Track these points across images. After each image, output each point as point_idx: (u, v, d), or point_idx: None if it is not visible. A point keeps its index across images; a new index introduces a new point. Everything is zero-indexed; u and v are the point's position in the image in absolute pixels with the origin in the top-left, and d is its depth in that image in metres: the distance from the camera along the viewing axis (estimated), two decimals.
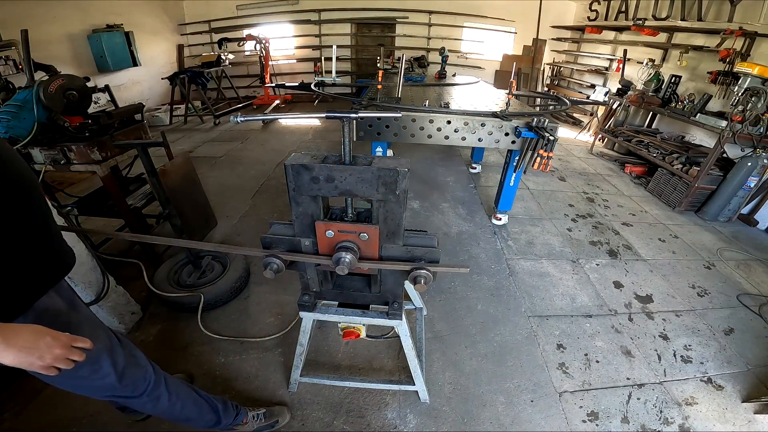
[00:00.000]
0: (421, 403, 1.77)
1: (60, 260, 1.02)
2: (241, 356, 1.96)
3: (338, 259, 1.15)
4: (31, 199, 0.92)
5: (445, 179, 4.30)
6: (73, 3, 5.26)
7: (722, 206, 3.65)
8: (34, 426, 1.60)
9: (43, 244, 0.95)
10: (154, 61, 7.08)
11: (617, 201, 4.05)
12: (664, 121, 5.26)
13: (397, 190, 1.09)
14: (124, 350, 1.13)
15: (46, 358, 0.76)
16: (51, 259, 0.98)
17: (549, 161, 2.47)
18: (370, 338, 2.02)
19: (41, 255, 0.94)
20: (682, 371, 2.02)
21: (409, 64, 5.34)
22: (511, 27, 7.87)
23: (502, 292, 2.52)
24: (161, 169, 2.06)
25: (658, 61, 5.27)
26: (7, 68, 4.13)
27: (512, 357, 2.04)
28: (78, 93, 2.04)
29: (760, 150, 3.35)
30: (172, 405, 1.26)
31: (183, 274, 2.35)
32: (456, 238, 3.13)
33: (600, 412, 1.78)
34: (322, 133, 6.05)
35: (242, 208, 3.48)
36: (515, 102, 3.26)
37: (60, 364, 0.79)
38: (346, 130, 1.08)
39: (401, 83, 2.89)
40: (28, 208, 0.91)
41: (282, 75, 8.33)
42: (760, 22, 3.95)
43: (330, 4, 7.63)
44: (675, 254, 3.10)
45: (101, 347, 1.06)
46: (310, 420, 1.67)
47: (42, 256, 0.94)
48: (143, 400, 1.19)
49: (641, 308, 2.46)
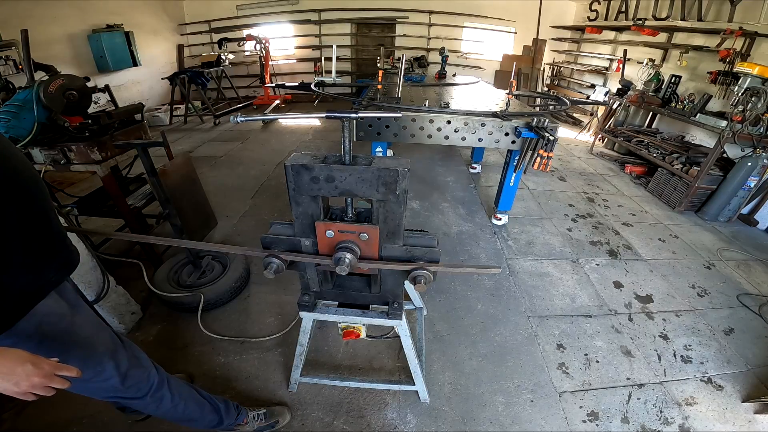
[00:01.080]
0: (421, 403, 1.77)
1: (63, 260, 0.99)
2: (241, 356, 1.96)
3: (338, 259, 1.15)
4: (31, 196, 0.90)
5: (445, 179, 4.30)
6: (73, 3, 5.26)
7: (722, 206, 3.65)
8: (34, 426, 1.60)
9: (44, 244, 0.93)
10: (154, 61, 7.08)
11: (617, 201, 4.05)
12: (664, 121, 5.26)
13: (397, 190, 1.09)
14: (127, 352, 1.13)
15: (22, 385, 0.72)
16: (52, 259, 0.95)
17: (549, 161, 2.47)
18: (370, 338, 2.02)
19: (41, 255, 0.91)
20: (682, 371, 2.02)
21: (409, 64, 5.34)
22: (511, 27, 7.87)
23: (502, 292, 2.52)
24: (161, 169, 2.06)
25: (658, 61, 5.27)
26: (7, 68, 4.13)
27: (512, 357, 2.04)
28: (78, 93, 2.04)
29: (760, 150, 3.35)
30: (175, 406, 1.26)
31: (183, 274, 2.35)
32: (456, 238, 3.13)
33: (600, 412, 1.78)
34: (322, 133, 6.05)
35: (242, 208, 3.48)
36: (515, 102, 3.26)
37: (38, 391, 0.74)
38: (346, 130, 1.08)
39: (401, 83, 2.89)
40: (29, 205, 0.88)
41: (282, 75, 8.33)
42: (760, 22, 3.95)
43: (330, 4, 7.63)
44: (675, 254, 3.10)
45: (104, 350, 1.06)
46: (310, 420, 1.67)
47: (42, 256, 0.92)
48: (146, 401, 1.18)
49: (641, 308, 2.46)
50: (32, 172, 0.93)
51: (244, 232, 3.10)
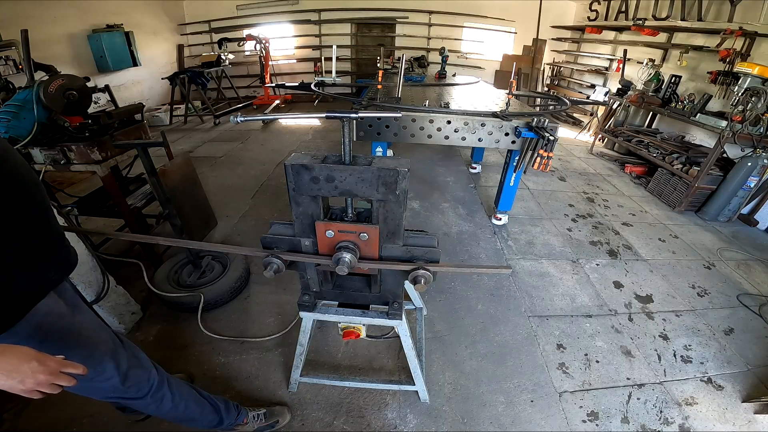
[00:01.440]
0: (421, 403, 1.77)
1: (61, 261, 0.99)
2: (241, 356, 1.96)
3: (338, 259, 1.15)
4: (31, 196, 0.90)
5: (445, 179, 4.30)
6: (73, 3, 5.26)
7: (722, 206, 3.65)
8: (34, 426, 1.60)
9: (43, 244, 0.93)
10: (154, 61, 7.07)
11: (617, 201, 4.05)
12: (664, 121, 5.26)
13: (397, 190, 1.09)
14: (127, 352, 1.13)
15: (28, 382, 0.71)
16: (51, 259, 0.95)
17: (549, 161, 2.47)
18: (370, 338, 2.02)
19: (40, 256, 0.92)
20: (682, 371, 2.02)
21: (409, 64, 5.33)
22: (511, 27, 7.87)
23: (502, 292, 2.52)
24: (161, 169, 2.06)
25: (658, 61, 5.27)
26: (7, 68, 4.13)
27: (512, 357, 2.04)
28: (78, 93, 2.04)
29: (760, 150, 3.35)
30: (176, 406, 1.26)
31: (183, 274, 2.35)
32: (456, 238, 3.13)
33: (600, 412, 1.78)
34: (322, 133, 6.05)
35: (242, 208, 3.48)
36: (515, 102, 3.26)
37: (44, 389, 0.74)
38: (346, 130, 1.08)
39: (401, 83, 2.89)
40: (28, 206, 0.88)
41: (282, 75, 8.33)
42: (760, 22, 3.95)
43: (330, 4, 7.63)
44: (675, 254, 3.10)
45: (104, 350, 1.06)
46: (310, 420, 1.67)
47: (41, 256, 0.92)
48: (147, 401, 1.18)
49: (641, 308, 2.46)
50: (31, 173, 0.93)
51: (244, 232, 3.10)
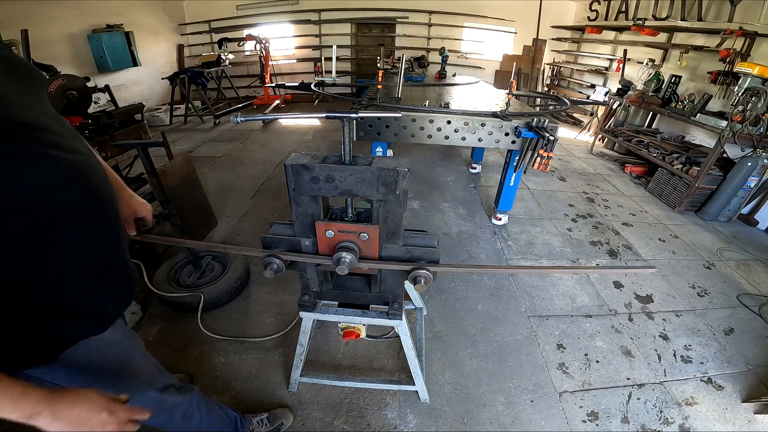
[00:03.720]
0: (421, 403, 1.77)
1: (121, 291, 0.90)
2: (241, 356, 1.96)
3: (338, 259, 1.15)
4: (109, 217, 0.82)
5: (445, 179, 4.30)
6: (73, 3, 5.26)
7: (722, 206, 3.65)
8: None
9: (109, 271, 0.85)
10: (154, 61, 7.07)
11: (617, 201, 4.05)
12: (664, 121, 5.26)
13: (397, 190, 1.09)
14: (168, 380, 1.12)
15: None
16: (113, 289, 0.87)
17: (549, 161, 2.47)
18: (370, 338, 2.02)
19: (104, 283, 0.84)
20: (682, 371, 2.02)
21: (409, 64, 5.34)
22: (511, 27, 7.87)
23: (502, 292, 2.52)
24: (161, 169, 2.06)
25: (658, 61, 5.27)
26: None
27: (512, 357, 2.04)
28: (78, 93, 2.05)
29: (760, 150, 3.35)
30: (201, 422, 1.25)
31: (183, 274, 2.35)
32: (456, 238, 3.13)
33: (600, 412, 1.78)
34: (322, 133, 6.04)
35: (242, 208, 3.48)
36: (515, 102, 3.26)
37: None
38: (346, 130, 1.08)
39: (401, 83, 2.89)
40: (103, 228, 0.80)
41: (282, 75, 8.33)
42: (760, 22, 3.95)
43: (330, 4, 7.63)
44: (675, 254, 3.10)
45: (149, 379, 1.06)
46: (310, 420, 1.67)
47: (105, 284, 0.84)
48: (176, 420, 1.16)
49: (641, 308, 2.46)
50: (112, 191, 0.86)
51: (244, 232, 3.10)
